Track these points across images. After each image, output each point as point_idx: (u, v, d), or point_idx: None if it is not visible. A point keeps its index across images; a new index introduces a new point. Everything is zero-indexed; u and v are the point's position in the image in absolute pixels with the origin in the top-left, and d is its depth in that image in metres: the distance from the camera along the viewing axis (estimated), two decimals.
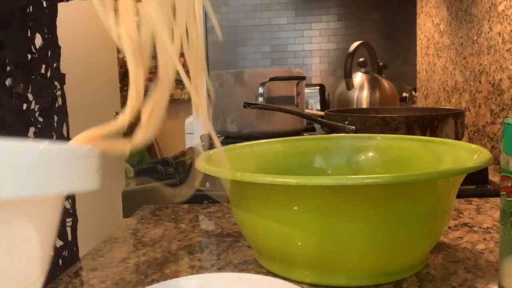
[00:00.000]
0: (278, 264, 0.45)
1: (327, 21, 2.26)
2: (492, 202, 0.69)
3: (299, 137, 0.64)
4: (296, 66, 2.28)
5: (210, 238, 0.58)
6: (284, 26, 2.29)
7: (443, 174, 0.40)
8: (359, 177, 0.37)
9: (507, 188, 0.37)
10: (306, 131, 1.32)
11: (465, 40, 1.17)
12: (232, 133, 1.21)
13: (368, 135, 0.62)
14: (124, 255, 0.53)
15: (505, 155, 0.37)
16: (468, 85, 1.16)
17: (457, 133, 0.89)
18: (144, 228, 0.63)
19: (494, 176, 0.85)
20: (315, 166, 0.61)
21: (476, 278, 0.43)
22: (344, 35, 2.25)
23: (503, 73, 0.96)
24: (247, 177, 0.40)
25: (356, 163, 0.60)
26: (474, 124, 1.12)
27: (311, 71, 2.29)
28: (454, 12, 1.26)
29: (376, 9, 2.24)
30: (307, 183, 0.38)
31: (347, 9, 2.25)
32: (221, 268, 0.48)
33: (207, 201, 0.75)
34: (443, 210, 0.43)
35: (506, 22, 0.94)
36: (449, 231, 0.57)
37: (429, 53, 1.51)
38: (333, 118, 0.96)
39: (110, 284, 0.46)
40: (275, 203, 0.42)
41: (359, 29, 2.24)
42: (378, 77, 1.50)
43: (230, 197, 0.49)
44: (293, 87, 1.20)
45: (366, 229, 0.40)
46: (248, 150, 0.58)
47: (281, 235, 0.42)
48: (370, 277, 0.43)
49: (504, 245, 0.37)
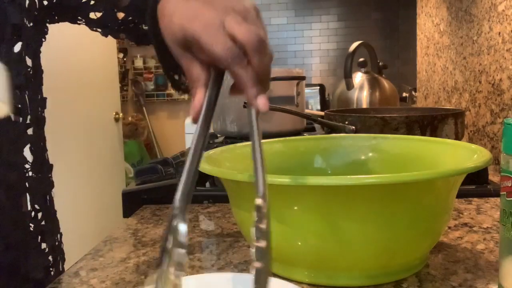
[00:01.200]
0: (278, 264, 0.45)
1: (327, 21, 2.26)
2: (492, 202, 0.69)
3: (299, 137, 0.64)
4: (296, 66, 2.28)
5: (210, 238, 0.58)
6: (284, 26, 2.29)
7: (443, 174, 0.40)
8: (359, 177, 0.37)
9: (507, 188, 0.37)
10: (306, 131, 1.32)
11: (465, 40, 1.17)
12: (232, 133, 1.20)
13: (368, 135, 0.62)
14: (124, 255, 0.53)
15: (505, 155, 0.37)
16: (468, 85, 1.16)
17: (457, 133, 0.89)
18: (144, 228, 0.63)
19: (494, 176, 0.85)
20: (315, 166, 0.61)
21: (476, 278, 0.43)
22: (344, 35, 2.25)
23: (503, 73, 0.96)
24: (247, 177, 0.40)
25: (356, 163, 0.60)
26: (474, 124, 1.12)
27: (311, 71, 2.29)
28: (454, 12, 1.25)
29: (376, 9, 2.24)
30: (307, 183, 0.38)
31: (347, 9, 2.24)
32: (221, 268, 0.48)
33: (207, 201, 0.75)
34: (443, 210, 0.43)
35: (506, 22, 0.94)
36: (449, 231, 0.57)
37: (429, 53, 1.51)
38: (333, 118, 0.96)
39: (110, 284, 0.46)
40: (275, 203, 0.42)
41: (359, 29, 2.24)
42: (378, 77, 1.50)
43: (230, 197, 0.49)
44: (293, 87, 1.20)
45: (366, 229, 0.40)
46: (248, 150, 0.58)
47: (281, 235, 0.42)
48: (370, 277, 0.43)
49: (504, 245, 0.37)
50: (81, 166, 2.65)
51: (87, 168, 2.70)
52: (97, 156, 2.81)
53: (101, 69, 2.86)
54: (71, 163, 2.54)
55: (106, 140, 2.94)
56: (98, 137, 2.84)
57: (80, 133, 2.65)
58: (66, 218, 2.59)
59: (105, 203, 2.89)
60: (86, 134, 2.71)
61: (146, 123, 4.02)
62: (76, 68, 2.58)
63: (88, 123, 2.73)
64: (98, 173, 2.82)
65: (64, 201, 2.62)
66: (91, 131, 2.76)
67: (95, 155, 2.79)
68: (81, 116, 2.65)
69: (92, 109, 2.76)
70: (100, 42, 2.84)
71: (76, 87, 2.59)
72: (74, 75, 2.58)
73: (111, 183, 2.97)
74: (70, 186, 2.53)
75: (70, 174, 2.53)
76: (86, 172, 2.69)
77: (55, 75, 2.42)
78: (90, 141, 2.75)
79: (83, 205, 2.64)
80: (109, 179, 2.96)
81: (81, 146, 2.65)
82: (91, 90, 2.75)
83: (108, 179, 2.94)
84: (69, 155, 2.53)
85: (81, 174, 2.64)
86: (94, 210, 2.76)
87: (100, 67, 2.85)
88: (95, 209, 2.76)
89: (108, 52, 2.94)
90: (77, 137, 2.61)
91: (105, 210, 2.89)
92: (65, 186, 2.49)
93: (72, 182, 2.55)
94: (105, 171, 2.91)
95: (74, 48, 2.56)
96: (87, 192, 2.69)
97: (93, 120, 2.79)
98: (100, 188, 2.83)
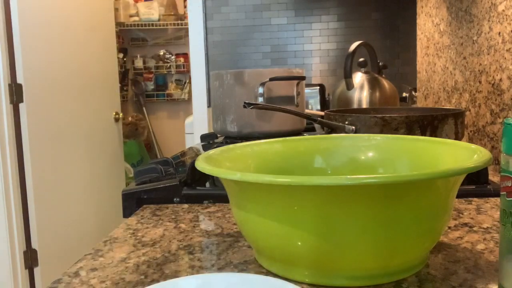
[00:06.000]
0: (278, 264, 0.45)
1: (327, 21, 2.26)
2: (492, 202, 0.69)
3: (299, 137, 0.64)
4: (296, 66, 2.28)
5: (210, 238, 0.58)
6: (284, 26, 2.29)
7: (443, 174, 0.40)
8: (359, 177, 0.37)
9: (507, 188, 0.37)
10: (306, 131, 1.32)
11: (465, 40, 1.17)
12: (232, 133, 1.20)
13: (368, 135, 0.62)
14: (124, 255, 0.53)
15: (505, 155, 0.37)
16: (468, 85, 1.16)
17: (457, 133, 0.89)
18: (144, 228, 0.63)
19: (494, 176, 0.85)
20: (315, 166, 0.61)
21: (476, 278, 0.43)
22: (344, 35, 2.25)
23: (503, 73, 0.96)
24: (247, 177, 0.40)
25: (356, 163, 0.60)
26: (474, 124, 1.12)
27: (311, 71, 2.29)
28: (454, 12, 1.25)
29: (376, 9, 2.24)
30: (307, 183, 0.38)
31: (347, 9, 2.24)
32: (221, 268, 0.48)
33: (207, 201, 0.75)
34: (443, 210, 0.43)
35: (506, 22, 0.94)
36: (449, 231, 0.57)
37: (429, 53, 1.51)
38: (333, 118, 0.96)
39: (110, 284, 0.46)
40: (275, 203, 0.42)
41: (359, 29, 2.24)
42: (378, 77, 1.50)
43: (230, 197, 0.49)
44: (293, 87, 1.20)
45: (366, 229, 0.40)
46: (248, 150, 0.58)
47: (281, 235, 0.42)
48: (370, 277, 0.43)
49: (504, 245, 0.37)
50: (81, 166, 2.64)
51: (87, 168, 2.70)
52: (97, 156, 2.81)
53: (101, 69, 2.86)
54: (71, 163, 2.54)
55: (106, 140, 2.94)
56: (98, 137, 2.84)
57: (80, 133, 2.65)
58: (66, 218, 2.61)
59: (105, 203, 2.89)
60: (86, 134, 2.71)
61: (146, 123, 4.02)
62: (76, 68, 2.58)
63: (88, 123, 2.73)
64: (98, 173, 2.82)
65: (64, 201, 2.63)
66: (91, 131, 2.76)
67: (95, 155, 2.79)
68: (81, 116, 2.65)
69: (92, 109, 2.76)
70: (100, 42, 2.84)
71: (76, 87, 2.59)
72: (74, 75, 2.58)
73: (111, 183, 2.97)
74: (70, 186, 2.53)
75: (70, 174, 2.53)
76: (86, 172, 2.69)
77: (55, 75, 2.42)
78: (90, 141, 2.75)
79: (83, 205, 2.64)
80: (109, 179, 2.96)
81: (81, 146, 2.65)
82: (91, 90, 2.75)
83: (108, 179, 2.94)
84: (69, 155, 2.53)
85: (81, 174, 2.64)
86: (94, 210, 2.76)
87: (100, 67, 2.85)
88: (95, 209, 2.77)
89: (108, 52, 2.95)
90: (77, 137, 2.61)
91: (105, 210, 2.89)
92: (65, 186, 2.49)
93: (72, 182, 2.55)
94: (105, 171, 2.91)
95: (74, 48, 2.56)
96: (87, 192, 2.69)
97: (93, 120, 2.79)
98: (100, 188, 2.83)
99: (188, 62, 3.87)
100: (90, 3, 2.67)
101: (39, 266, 2.25)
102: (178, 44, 3.99)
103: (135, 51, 4.06)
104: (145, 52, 4.06)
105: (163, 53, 3.98)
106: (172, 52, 3.99)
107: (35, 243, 2.23)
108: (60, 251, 2.40)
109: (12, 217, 2.15)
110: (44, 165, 2.31)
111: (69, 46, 2.51)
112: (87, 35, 2.69)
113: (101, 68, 2.88)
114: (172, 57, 3.97)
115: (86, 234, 2.66)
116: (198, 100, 2.27)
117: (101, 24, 2.82)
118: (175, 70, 3.97)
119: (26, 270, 2.22)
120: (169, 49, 4.00)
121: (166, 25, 3.86)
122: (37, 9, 2.25)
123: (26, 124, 2.19)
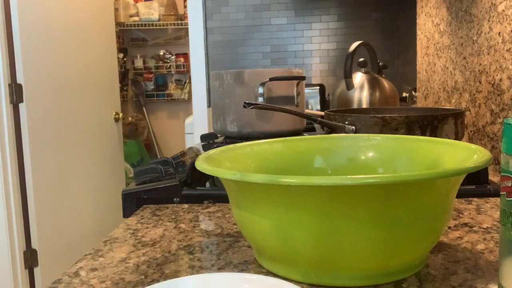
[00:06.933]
0: (278, 264, 0.45)
1: (327, 21, 2.26)
2: (492, 202, 0.69)
3: (299, 137, 0.64)
4: (296, 66, 2.28)
5: (210, 238, 0.58)
6: (284, 26, 2.29)
7: (443, 174, 0.40)
8: (359, 177, 0.37)
9: (507, 188, 0.37)
10: (306, 131, 1.32)
11: (465, 40, 1.17)
12: (232, 133, 1.20)
13: (368, 135, 0.62)
14: (124, 255, 0.53)
15: (505, 155, 0.37)
16: (468, 85, 1.16)
17: (457, 133, 0.89)
18: (144, 228, 0.63)
19: (494, 176, 0.85)
20: (315, 166, 0.61)
21: (476, 278, 0.43)
22: (344, 35, 2.25)
23: (503, 73, 0.96)
24: (247, 177, 0.40)
25: (356, 163, 0.60)
26: (474, 124, 1.12)
27: (311, 71, 2.29)
28: (454, 12, 1.25)
29: (376, 9, 2.24)
30: (307, 183, 0.38)
31: (347, 9, 2.24)
32: (221, 268, 0.48)
33: (207, 201, 0.75)
34: (443, 210, 0.43)
35: (506, 22, 0.94)
36: (449, 231, 0.57)
37: (429, 53, 1.51)
38: (333, 118, 0.96)
39: (110, 284, 0.46)
40: (275, 203, 0.42)
41: (359, 29, 2.24)
42: (378, 77, 1.50)
43: (230, 197, 0.49)
44: (293, 87, 1.20)
45: (366, 229, 0.40)
46: (248, 150, 0.58)
47: (281, 235, 0.42)
48: (370, 277, 0.43)
49: (504, 245, 0.37)
50: (81, 166, 2.64)
51: (87, 168, 2.70)
52: (97, 156, 2.81)
53: (101, 69, 2.86)
54: (71, 163, 2.54)
55: (106, 140, 2.94)
56: (98, 137, 2.84)
57: (80, 133, 2.65)
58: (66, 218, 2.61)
59: (105, 203, 2.89)
60: (86, 134, 2.71)
61: (146, 123, 4.02)
62: (76, 68, 2.58)
63: (88, 123, 2.73)
64: (98, 173, 2.82)
65: (64, 201, 2.62)
66: (91, 131, 2.76)
67: (95, 155, 2.79)
68: (81, 116, 2.65)
69: (92, 109, 2.76)
70: (100, 42, 2.84)
71: (76, 87, 2.59)
72: (74, 75, 2.57)
73: (111, 183, 2.97)
74: (70, 186, 2.53)
75: (70, 174, 2.53)
76: (86, 172, 2.69)
77: (55, 75, 2.42)
78: (90, 141, 2.75)
79: (83, 205, 2.64)
80: (109, 179, 2.96)
81: (81, 146, 2.65)
82: (91, 90, 2.75)
83: (108, 179, 2.94)
84: (69, 155, 2.53)
85: (81, 174, 2.64)
86: (94, 210, 2.76)
87: (100, 67, 2.85)
88: (95, 209, 2.77)
89: (108, 52, 2.95)
90: (77, 137, 2.61)
91: (105, 210, 2.89)
92: (65, 186, 2.49)
93: (72, 182, 2.55)
94: (105, 171, 2.91)
95: (74, 48, 2.56)
96: (87, 192, 2.69)
97: (93, 120, 2.79)
98: (100, 188, 2.83)
99: (188, 62, 3.87)
100: (90, 3, 2.67)
101: (39, 266, 2.25)
102: (178, 44, 3.99)
103: (135, 51, 4.06)
104: (145, 52, 4.06)
105: (163, 53, 3.98)
106: (172, 52, 3.99)
107: (35, 243, 2.23)
108: (60, 251, 2.40)
109: (12, 217, 2.15)
110: (44, 165, 2.31)
111: (69, 46, 2.51)
112: (87, 35, 2.69)
113: (101, 68, 2.88)
114: (172, 57, 3.97)
115: (86, 234, 2.66)
116: (198, 100, 2.27)
117: (101, 24, 2.82)
118: (175, 70, 3.97)
119: (26, 270, 2.22)
120: (169, 49, 4.00)
121: (166, 25, 3.86)
122: (37, 9, 2.25)
123: (26, 124, 2.19)
